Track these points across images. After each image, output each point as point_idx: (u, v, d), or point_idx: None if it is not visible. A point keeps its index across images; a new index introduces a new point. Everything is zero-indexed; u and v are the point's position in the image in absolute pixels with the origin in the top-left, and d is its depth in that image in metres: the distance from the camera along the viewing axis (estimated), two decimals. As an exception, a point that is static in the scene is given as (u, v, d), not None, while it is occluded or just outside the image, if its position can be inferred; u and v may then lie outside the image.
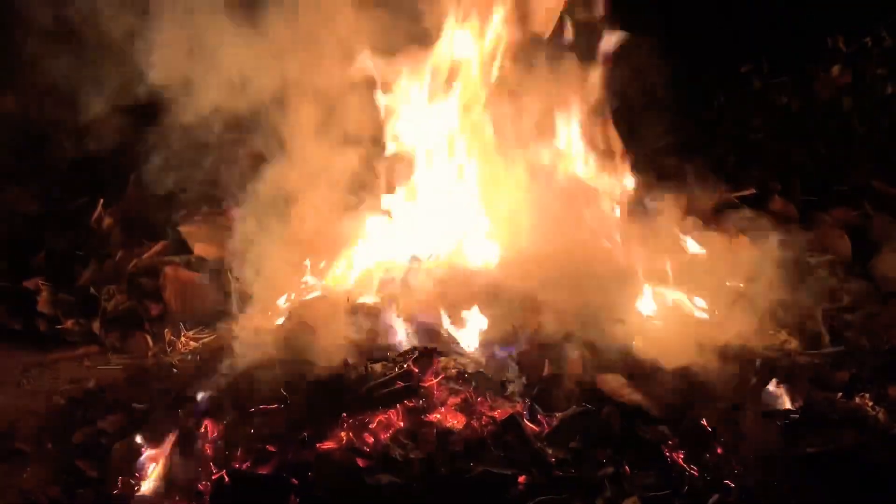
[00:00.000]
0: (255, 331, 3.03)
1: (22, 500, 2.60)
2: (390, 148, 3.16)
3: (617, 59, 3.59)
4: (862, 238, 3.89)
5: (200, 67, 3.54)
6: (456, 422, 2.42)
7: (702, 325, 3.10)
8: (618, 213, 3.33)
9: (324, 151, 3.26)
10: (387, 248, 3.06)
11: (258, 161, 3.46)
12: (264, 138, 3.40)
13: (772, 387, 2.83)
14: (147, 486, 2.53)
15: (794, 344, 3.15)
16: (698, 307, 3.19)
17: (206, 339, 3.41)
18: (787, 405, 2.78)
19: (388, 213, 3.12)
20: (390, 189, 3.15)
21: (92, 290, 3.73)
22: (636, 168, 3.44)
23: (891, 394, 2.95)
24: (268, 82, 3.52)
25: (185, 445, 2.52)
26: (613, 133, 3.36)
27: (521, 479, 2.26)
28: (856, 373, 3.08)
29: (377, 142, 3.18)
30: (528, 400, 2.56)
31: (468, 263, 2.97)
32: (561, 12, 3.14)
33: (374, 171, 3.19)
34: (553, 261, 2.96)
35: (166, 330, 3.54)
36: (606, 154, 3.37)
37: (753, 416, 2.63)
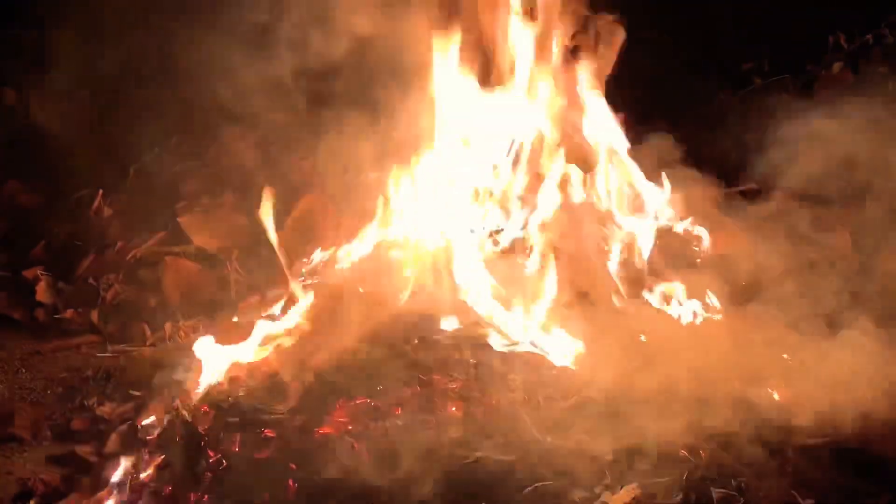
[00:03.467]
0: (256, 320, 3.02)
1: (19, 487, 2.59)
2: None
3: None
4: (863, 235, 3.88)
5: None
6: (455, 409, 2.41)
7: (703, 321, 3.10)
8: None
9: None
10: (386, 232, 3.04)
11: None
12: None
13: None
14: (146, 473, 2.53)
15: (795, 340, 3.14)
16: (700, 303, 3.18)
17: (205, 329, 3.40)
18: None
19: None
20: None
21: (91, 280, 3.73)
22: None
23: (891, 387, 2.96)
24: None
25: (183, 431, 2.51)
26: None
27: (520, 465, 2.26)
28: (856, 366, 3.08)
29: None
30: (529, 388, 2.55)
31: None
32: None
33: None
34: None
35: (166, 320, 3.54)
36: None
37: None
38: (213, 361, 2.81)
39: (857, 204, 3.60)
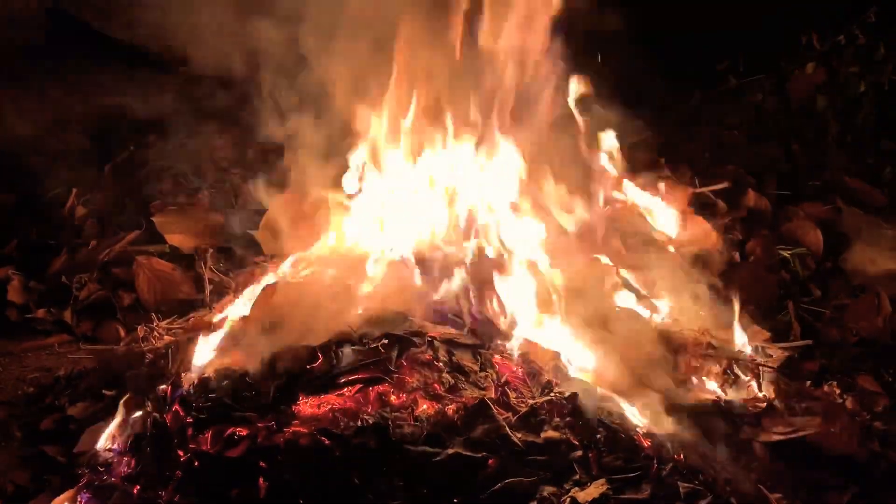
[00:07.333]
0: (229, 319, 3.01)
1: (-11, 487, 2.57)
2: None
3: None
4: (833, 232, 3.93)
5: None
6: (426, 406, 2.41)
7: (672, 319, 3.12)
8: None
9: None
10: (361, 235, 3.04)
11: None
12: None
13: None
14: (116, 472, 2.52)
15: (764, 336, 3.18)
16: (669, 301, 3.20)
17: (178, 329, 3.38)
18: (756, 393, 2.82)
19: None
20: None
21: (64, 279, 3.69)
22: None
23: (859, 383, 3.00)
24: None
25: (155, 431, 2.50)
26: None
27: (491, 462, 2.27)
28: (825, 363, 3.12)
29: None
30: (499, 386, 2.56)
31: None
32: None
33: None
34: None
35: (139, 320, 3.51)
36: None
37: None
38: (186, 361, 2.81)
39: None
